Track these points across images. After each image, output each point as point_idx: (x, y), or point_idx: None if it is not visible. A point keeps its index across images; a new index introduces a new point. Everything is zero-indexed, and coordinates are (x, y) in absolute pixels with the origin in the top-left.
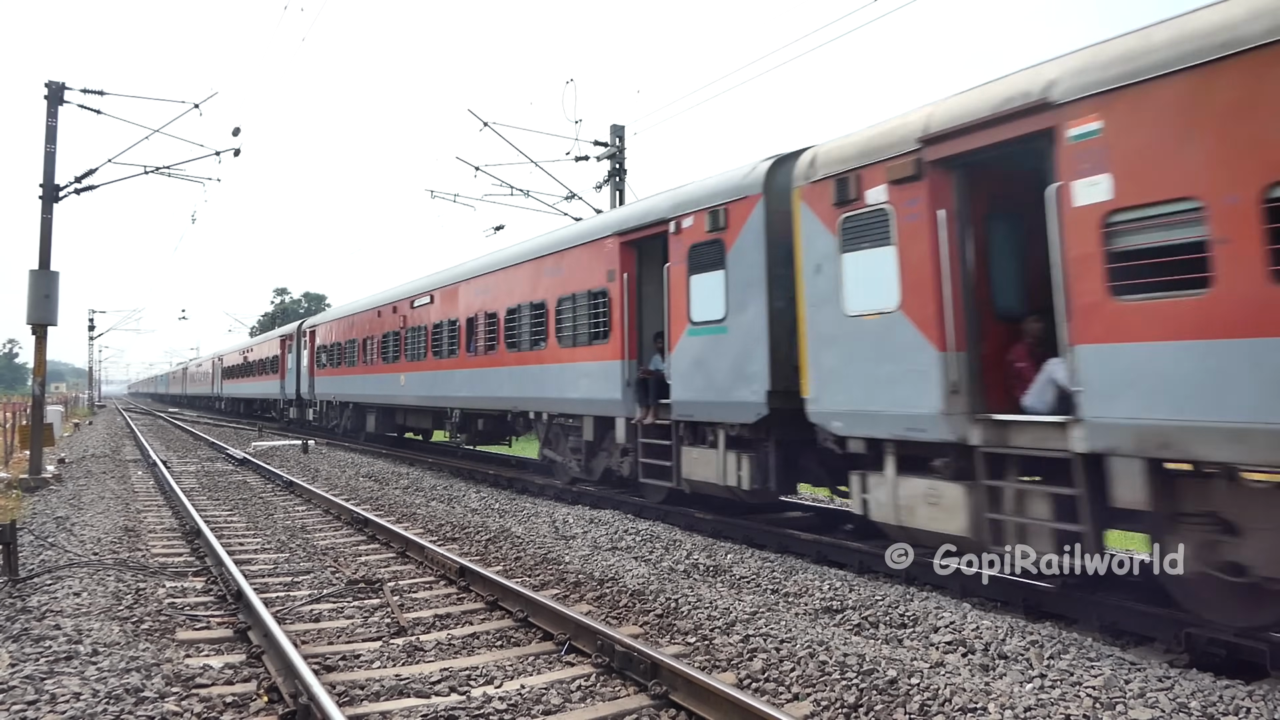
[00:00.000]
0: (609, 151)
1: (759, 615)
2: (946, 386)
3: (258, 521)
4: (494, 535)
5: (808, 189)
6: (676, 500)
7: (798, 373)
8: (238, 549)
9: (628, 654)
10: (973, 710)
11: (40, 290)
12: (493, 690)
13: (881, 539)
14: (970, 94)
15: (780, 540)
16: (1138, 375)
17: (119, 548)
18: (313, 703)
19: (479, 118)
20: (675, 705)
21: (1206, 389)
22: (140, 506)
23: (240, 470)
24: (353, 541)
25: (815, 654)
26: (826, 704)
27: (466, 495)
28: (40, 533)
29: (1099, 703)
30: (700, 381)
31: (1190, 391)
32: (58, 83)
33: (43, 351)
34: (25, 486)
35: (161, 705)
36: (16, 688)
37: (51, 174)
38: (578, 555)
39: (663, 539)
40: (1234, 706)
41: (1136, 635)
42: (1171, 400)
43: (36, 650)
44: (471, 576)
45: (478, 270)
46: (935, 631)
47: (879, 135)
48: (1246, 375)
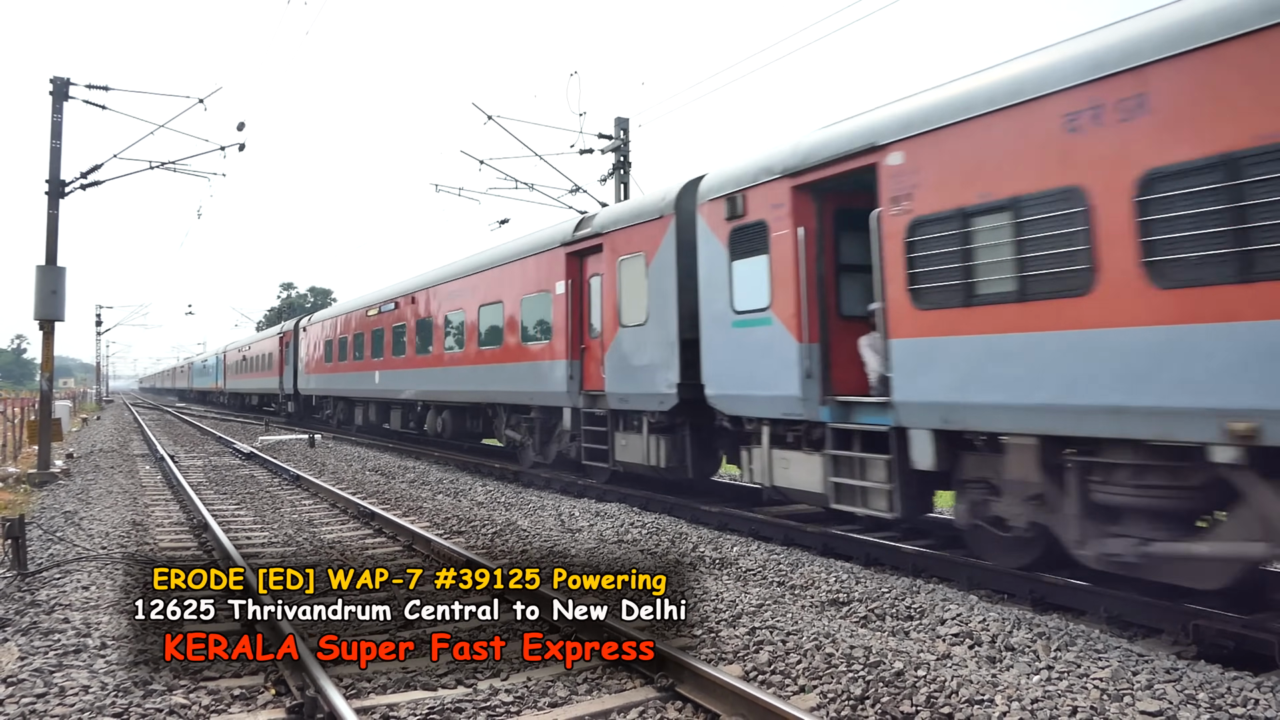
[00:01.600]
0: (614, 144)
1: (765, 607)
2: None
3: (265, 515)
4: (500, 529)
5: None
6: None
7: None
8: (245, 543)
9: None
10: (979, 702)
11: (47, 286)
12: (499, 683)
13: (886, 530)
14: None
15: (786, 533)
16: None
17: (127, 542)
18: (319, 694)
19: (483, 111)
20: (682, 697)
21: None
22: (148, 501)
23: (247, 464)
24: (360, 535)
25: (822, 646)
26: (833, 696)
27: (473, 489)
28: (49, 527)
29: (1106, 694)
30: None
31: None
32: (63, 78)
33: (50, 347)
34: (34, 481)
35: (170, 698)
36: (25, 680)
37: (57, 170)
38: (583, 548)
39: (668, 532)
40: (1242, 698)
41: (1144, 627)
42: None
43: (45, 643)
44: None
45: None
46: (942, 624)
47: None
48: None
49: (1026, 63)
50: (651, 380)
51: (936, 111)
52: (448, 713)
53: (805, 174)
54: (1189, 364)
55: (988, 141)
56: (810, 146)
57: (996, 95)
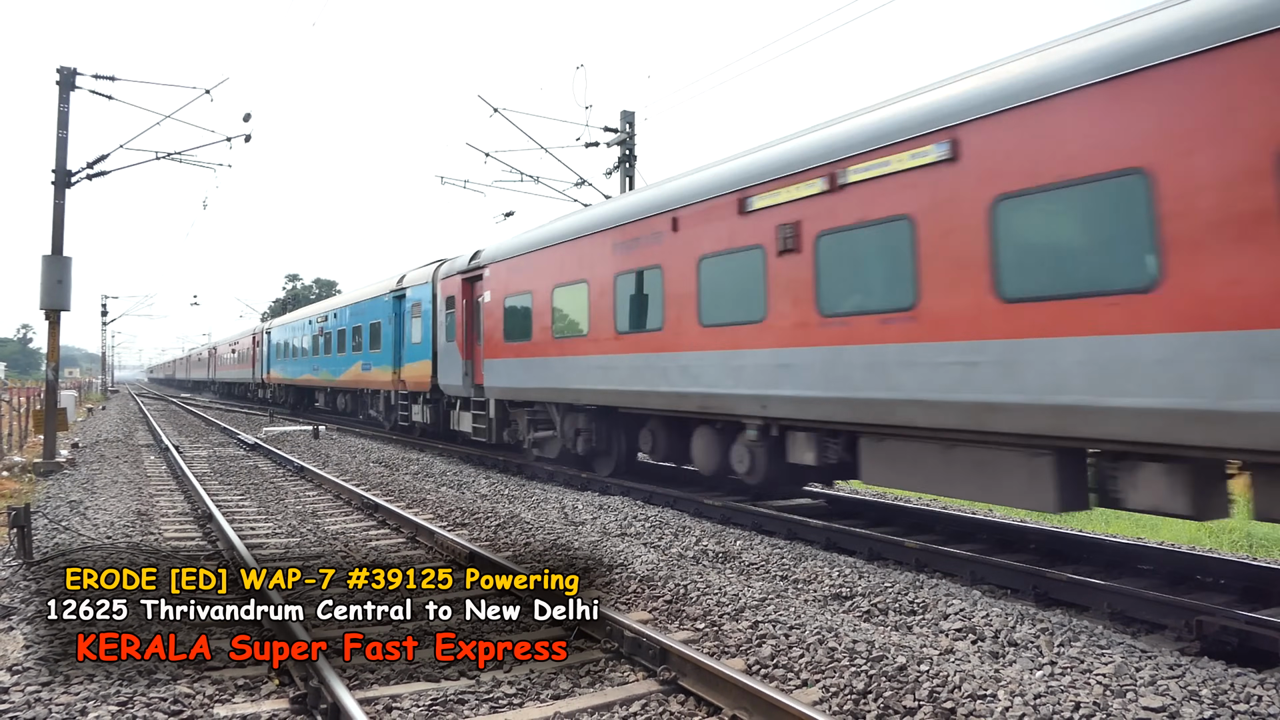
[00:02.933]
0: (619, 137)
1: (768, 601)
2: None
3: (269, 506)
4: (503, 521)
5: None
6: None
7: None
8: (249, 533)
9: (636, 639)
10: (982, 697)
11: (53, 276)
12: (502, 674)
13: (890, 525)
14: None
15: (789, 527)
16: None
17: (132, 531)
18: (323, 685)
19: (489, 103)
20: (684, 691)
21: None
22: (153, 491)
23: (251, 455)
24: (363, 526)
25: (824, 640)
26: (835, 690)
27: (476, 481)
28: (54, 516)
29: (1109, 690)
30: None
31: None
32: (69, 68)
33: (56, 337)
34: (39, 471)
35: (174, 687)
36: (31, 669)
37: (64, 160)
38: (587, 541)
39: (672, 525)
40: (1245, 694)
41: (1147, 623)
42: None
43: (51, 632)
44: (480, 562)
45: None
46: (945, 619)
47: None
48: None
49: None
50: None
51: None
52: (450, 704)
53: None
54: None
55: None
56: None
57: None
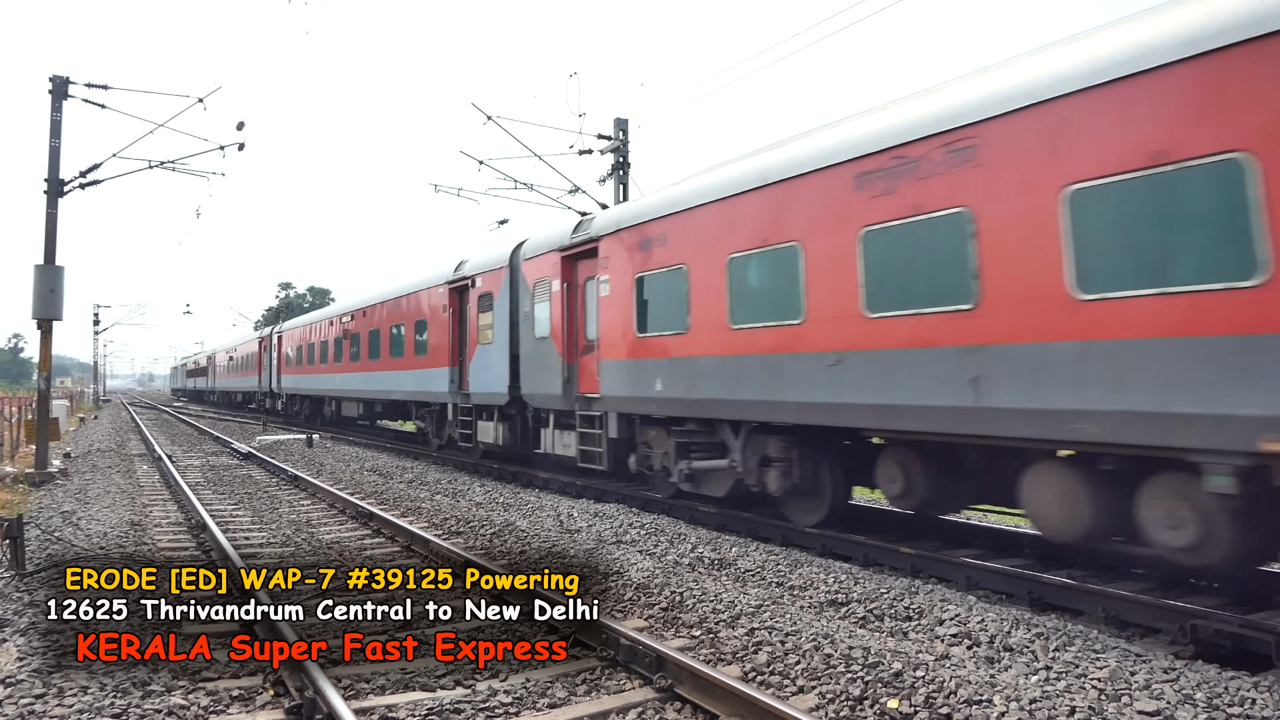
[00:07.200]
0: (613, 145)
1: (764, 608)
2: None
3: (263, 516)
4: (499, 529)
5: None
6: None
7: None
8: (243, 543)
9: (633, 647)
10: (978, 702)
11: (45, 285)
12: (498, 684)
13: (886, 533)
14: (546, 234)
15: (785, 534)
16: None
17: (126, 542)
18: (319, 695)
19: (483, 111)
20: (680, 698)
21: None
22: (146, 501)
23: (245, 465)
24: (358, 535)
25: (820, 647)
26: (831, 697)
27: (471, 489)
28: (47, 527)
29: (1104, 694)
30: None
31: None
32: (62, 77)
33: (48, 346)
34: (31, 481)
35: (169, 699)
36: (24, 681)
37: (56, 169)
38: (582, 549)
39: (667, 533)
40: (1239, 698)
41: (1142, 627)
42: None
43: (44, 644)
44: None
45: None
46: (940, 624)
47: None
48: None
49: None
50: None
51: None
52: (446, 713)
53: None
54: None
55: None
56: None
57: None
